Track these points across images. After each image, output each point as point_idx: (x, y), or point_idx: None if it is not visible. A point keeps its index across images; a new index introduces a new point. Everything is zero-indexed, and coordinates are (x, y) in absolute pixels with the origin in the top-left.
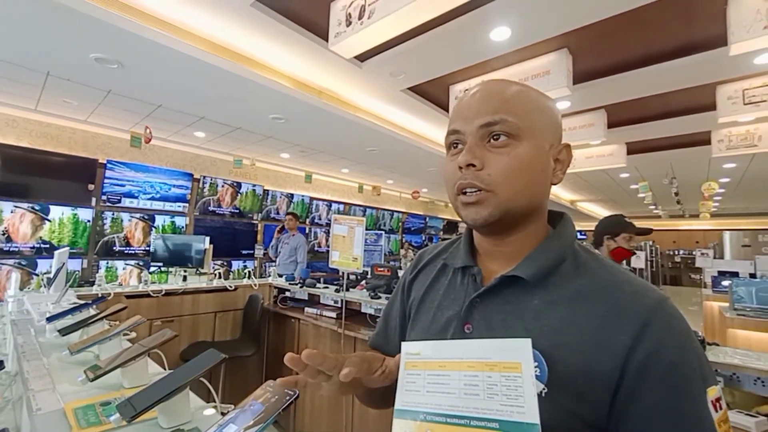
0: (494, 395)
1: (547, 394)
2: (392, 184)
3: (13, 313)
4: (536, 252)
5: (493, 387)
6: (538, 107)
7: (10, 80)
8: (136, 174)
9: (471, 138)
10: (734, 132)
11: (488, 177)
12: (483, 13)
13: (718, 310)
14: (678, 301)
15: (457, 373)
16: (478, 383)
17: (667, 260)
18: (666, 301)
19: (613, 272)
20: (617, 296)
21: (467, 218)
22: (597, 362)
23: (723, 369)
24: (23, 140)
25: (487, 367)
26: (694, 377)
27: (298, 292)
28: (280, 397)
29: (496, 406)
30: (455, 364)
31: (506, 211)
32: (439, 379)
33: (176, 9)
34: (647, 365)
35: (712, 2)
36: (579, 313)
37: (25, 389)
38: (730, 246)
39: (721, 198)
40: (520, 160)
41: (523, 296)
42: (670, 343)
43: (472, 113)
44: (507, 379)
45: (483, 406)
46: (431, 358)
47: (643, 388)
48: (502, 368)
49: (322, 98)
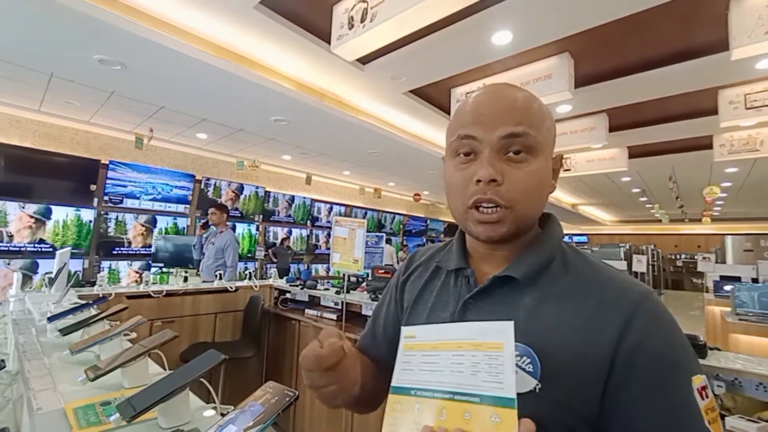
0: (477, 372)
1: (541, 390)
2: (393, 187)
3: (15, 312)
4: (527, 253)
5: (477, 365)
6: (548, 120)
7: (14, 81)
8: (138, 175)
9: (489, 149)
10: (736, 136)
11: (508, 194)
12: (485, 16)
13: (720, 315)
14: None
15: (446, 353)
16: (464, 361)
17: (669, 264)
18: (650, 295)
19: (600, 269)
20: (604, 292)
21: (482, 235)
22: (587, 356)
23: (725, 374)
24: (26, 140)
25: (473, 347)
26: (679, 366)
27: (298, 294)
28: (280, 398)
29: (479, 382)
30: (445, 345)
31: (520, 227)
32: (431, 359)
33: (180, 11)
34: (634, 356)
35: (713, 7)
36: (568, 310)
37: (26, 389)
38: (732, 250)
39: (723, 202)
40: (536, 176)
41: (515, 295)
42: (656, 334)
43: (491, 120)
44: (489, 357)
45: (467, 382)
46: (425, 340)
47: (630, 379)
48: (486, 348)
49: (323, 100)
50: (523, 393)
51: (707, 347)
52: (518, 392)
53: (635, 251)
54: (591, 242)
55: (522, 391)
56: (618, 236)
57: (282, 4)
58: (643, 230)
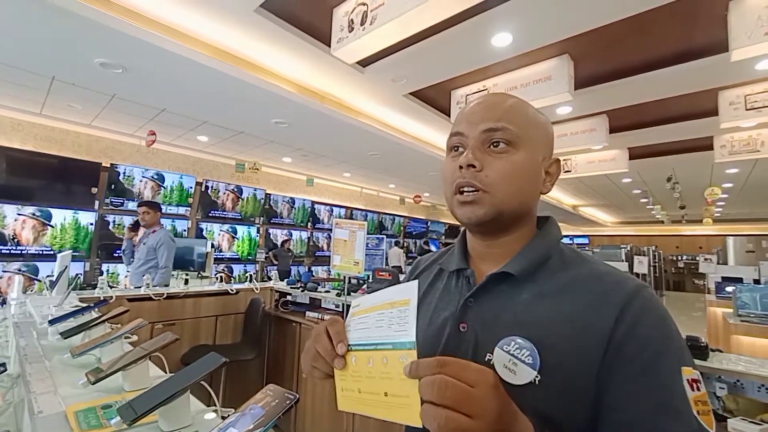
0: (392, 325)
1: (541, 382)
2: (394, 189)
3: (16, 315)
4: (524, 250)
5: (391, 319)
6: (536, 121)
7: (15, 84)
8: (138, 177)
9: (473, 141)
10: (737, 137)
11: (486, 178)
12: (484, 19)
13: (721, 316)
14: (681, 307)
15: (373, 314)
16: (383, 318)
17: (670, 265)
18: (645, 288)
19: (597, 266)
20: (601, 286)
21: (463, 216)
22: (583, 347)
23: (727, 376)
24: (28, 144)
25: (389, 306)
26: (667, 353)
27: (299, 296)
28: (281, 401)
29: (392, 332)
30: (374, 308)
31: (500, 212)
32: (364, 320)
33: (180, 14)
34: (623, 343)
35: (712, 8)
36: (566, 303)
37: (27, 392)
38: (733, 251)
39: (725, 203)
40: (516, 165)
41: (513, 291)
42: (646, 322)
43: (476, 118)
44: (400, 311)
45: (384, 333)
46: (364, 307)
47: (618, 363)
48: (398, 305)
49: (324, 103)
50: (523, 385)
51: (709, 349)
52: (518, 384)
53: (636, 252)
54: (592, 244)
55: (521, 383)
56: (619, 237)
57: (282, 7)
58: (644, 231)
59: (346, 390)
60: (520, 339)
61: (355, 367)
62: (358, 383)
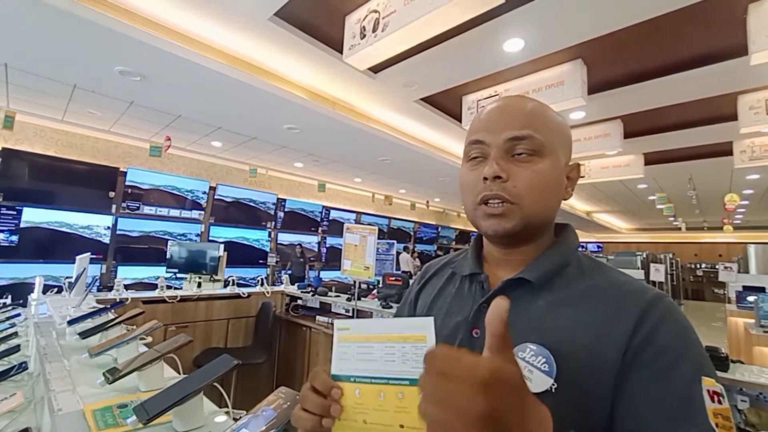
0: (407, 360)
1: (557, 390)
2: (404, 194)
3: (36, 315)
4: (541, 257)
5: (405, 354)
6: (558, 127)
7: (39, 92)
8: (154, 182)
9: (496, 150)
10: (757, 142)
11: (513, 189)
12: (496, 24)
13: (743, 327)
14: (700, 317)
15: (379, 344)
16: (395, 352)
17: (689, 274)
18: (664, 297)
19: (615, 275)
20: (619, 294)
21: (489, 229)
22: (601, 355)
23: (749, 389)
24: (50, 149)
25: (402, 339)
26: (685, 360)
27: (309, 301)
28: (292, 403)
29: (408, 369)
30: (377, 337)
31: (528, 224)
32: (366, 350)
33: (197, 24)
34: (641, 349)
35: (731, 11)
36: (583, 311)
37: (47, 390)
38: (755, 260)
39: (745, 210)
40: (543, 174)
41: (529, 298)
42: (665, 329)
43: (498, 126)
44: (416, 348)
45: (398, 369)
46: (359, 333)
47: (634, 368)
48: (412, 340)
49: (336, 109)
50: (539, 393)
51: (729, 360)
52: (534, 392)
53: (653, 260)
54: (606, 250)
55: (538, 391)
56: (635, 244)
57: (295, 15)
58: (661, 239)
59: (346, 420)
60: (533, 345)
61: (360, 399)
62: (364, 415)
